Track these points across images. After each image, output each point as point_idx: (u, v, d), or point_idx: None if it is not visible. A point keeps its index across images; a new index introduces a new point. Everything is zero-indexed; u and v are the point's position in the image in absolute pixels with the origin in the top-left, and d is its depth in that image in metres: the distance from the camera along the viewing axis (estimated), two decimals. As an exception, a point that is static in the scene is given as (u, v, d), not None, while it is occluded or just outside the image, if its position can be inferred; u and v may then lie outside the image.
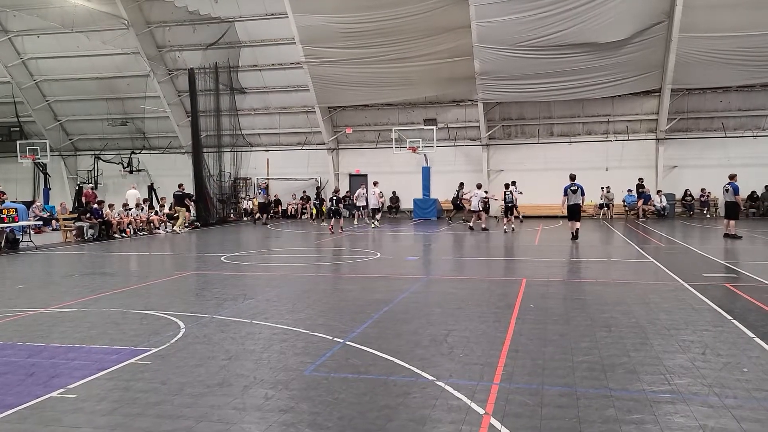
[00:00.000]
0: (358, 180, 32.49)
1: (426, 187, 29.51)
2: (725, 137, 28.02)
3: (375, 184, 27.16)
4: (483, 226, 22.55)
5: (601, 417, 4.71)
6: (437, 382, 5.54)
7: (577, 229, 18.43)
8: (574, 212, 18.46)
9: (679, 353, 6.36)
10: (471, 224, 23.14)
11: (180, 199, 24.73)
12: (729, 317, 7.90)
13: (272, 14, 27.82)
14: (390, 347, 6.70)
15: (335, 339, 7.13)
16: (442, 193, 29.73)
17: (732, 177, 18.63)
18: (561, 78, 26.98)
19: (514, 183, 24.61)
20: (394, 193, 31.70)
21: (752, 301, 8.99)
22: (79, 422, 4.79)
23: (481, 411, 4.85)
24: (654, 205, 27.96)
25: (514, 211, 22.37)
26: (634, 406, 4.91)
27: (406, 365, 6.06)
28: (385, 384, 5.56)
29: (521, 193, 25.68)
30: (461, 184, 27.43)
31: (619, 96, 28.40)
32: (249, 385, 5.58)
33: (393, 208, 31.63)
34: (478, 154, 30.48)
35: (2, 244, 17.42)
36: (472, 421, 4.67)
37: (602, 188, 28.50)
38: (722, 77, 26.39)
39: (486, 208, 23.95)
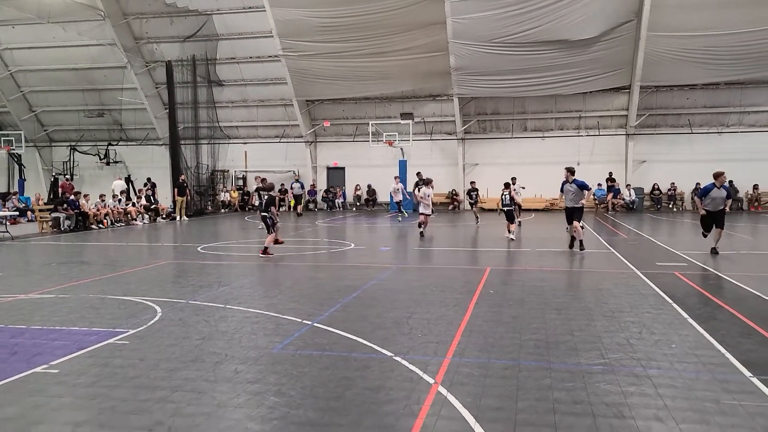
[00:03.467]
0: (336, 173, 32.91)
1: (403, 180, 29.96)
2: (692, 133, 28.94)
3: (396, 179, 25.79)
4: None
5: (537, 385, 5.26)
6: (395, 358, 6.04)
7: (575, 239, 14.30)
8: (570, 216, 14.30)
9: (618, 332, 6.94)
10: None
11: (182, 188, 25.47)
12: (670, 301, 8.53)
13: (250, 8, 28.00)
14: (354, 328, 7.19)
15: (303, 321, 7.59)
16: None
17: (717, 176, 13.51)
18: (534, 74, 27.64)
19: (514, 180, 20.24)
20: (370, 186, 32.14)
21: (694, 286, 9.65)
22: (62, 393, 5.21)
23: (431, 381, 5.36)
24: (623, 199, 28.81)
25: (515, 215, 17.63)
26: (569, 377, 5.46)
27: (368, 343, 6.55)
28: (346, 359, 6.05)
29: (524, 188, 23.06)
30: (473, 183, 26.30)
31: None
32: (221, 361, 6.03)
33: (369, 200, 32.08)
34: (453, 148, 31.05)
35: (-21, 234, 17.55)
36: (422, 389, 5.18)
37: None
38: (689, 75, 27.25)
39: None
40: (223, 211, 31.51)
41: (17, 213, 23.51)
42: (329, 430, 4.42)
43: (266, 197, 14.06)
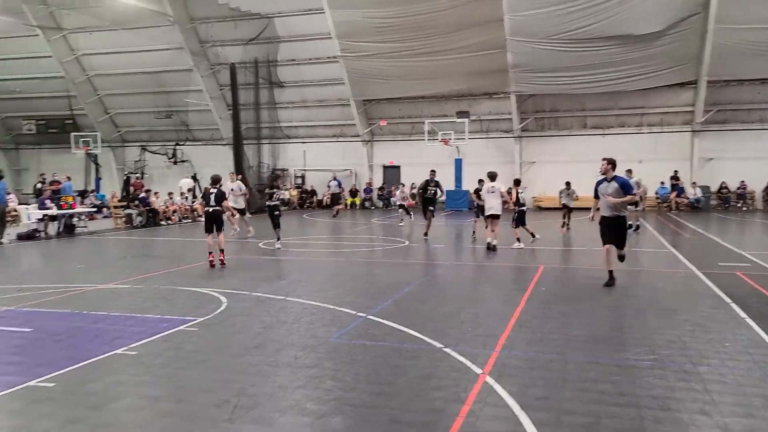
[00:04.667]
0: (391, 172, 33.28)
1: (458, 178, 30.08)
2: (763, 129, 27.72)
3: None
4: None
5: (583, 377, 5.41)
6: (444, 349, 6.30)
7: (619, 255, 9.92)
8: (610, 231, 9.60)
9: (670, 330, 6.95)
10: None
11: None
12: (728, 301, 8.41)
13: (309, 10, 28.69)
14: (406, 321, 7.47)
15: (358, 314, 7.94)
16: (474, 184, 30.19)
17: None
18: (594, 70, 27.12)
19: (518, 182, 16.67)
20: (427, 184, 32.26)
21: (757, 287, 9.44)
22: (140, 372, 5.73)
23: (479, 371, 5.59)
24: (688, 198, 27.91)
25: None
26: (616, 371, 5.57)
27: (419, 335, 6.83)
28: (398, 350, 6.35)
29: (576, 198, 19.18)
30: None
31: (654, 88, 28.33)
32: (281, 348, 6.45)
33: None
34: (510, 146, 30.85)
35: (62, 229, 18.83)
36: (470, 379, 5.41)
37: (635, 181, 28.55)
38: (759, 69, 26.14)
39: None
40: (283, 208, 32.35)
41: (95, 209, 24.97)
42: (381, 411, 4.72)
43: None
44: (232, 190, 18.44)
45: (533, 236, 15.71)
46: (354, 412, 4.71)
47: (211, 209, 12.22)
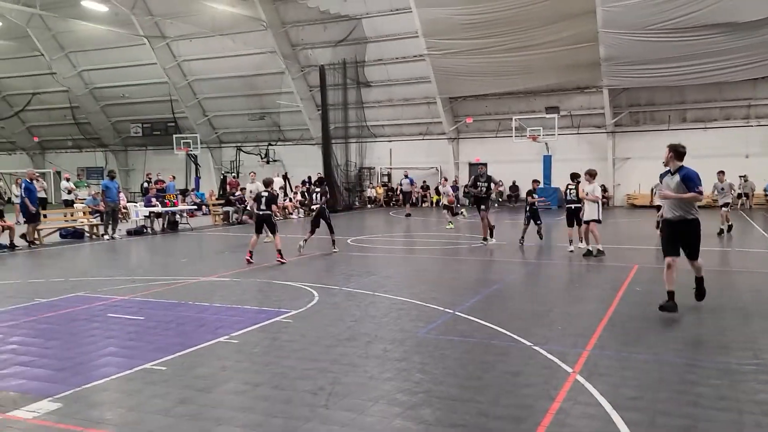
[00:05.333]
0: (477, 169, 33.00)
1: (547, 175, 29.39)
2: None
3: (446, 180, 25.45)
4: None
5: (679, 380, 5.24)
6: (533, 347, 6.28)
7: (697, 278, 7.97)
8: (673, 239, 7.65)
9: (777, 335, 6.57)
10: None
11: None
12: None
13: (397, 10, 29.00)
14: (494, 318, 7.49)
15: (446, 310, 8.04)
16: (564, 181, 29.41)
17: None
18: (695, 61, 25.68)
19: (576, 176, 13.71)
20: (514, 182, 31.85)
21: None
22: (241, 359, 6.12)
23: (569, 370, 5.54)
24: (801, 195, 25.86)
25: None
26: (716, 374, 5.36)
27: (507, 332, 6.83)
28: (486, 346, 6.39)
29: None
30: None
31: (763, 78, 26.44)
32: (371, 341, 6.66)
33: (512, 197, 31.80)
34: (602, 142, 29.81)
35: (166, 226, 20.16)
36: (560, 377, 5.38)
37: (740, 177, 26.79)
38: None
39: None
40: (369, 206, 32.98)
41: (195, 207, 26.48)
42: (469, 405, 4.81)
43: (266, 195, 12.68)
44: (251, 191, 16.90)
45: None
46: (443, 404, 4.82)
47: (261, 212, 12.53)
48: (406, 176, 30.96)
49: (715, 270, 10.87)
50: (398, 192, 32.82)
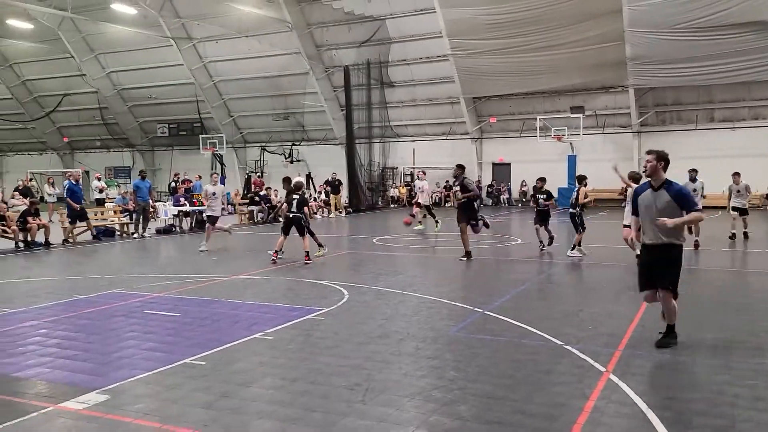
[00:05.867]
0: (501, 169, 32.97)
1: (571, 176, 29.13)
2: None
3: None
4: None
5: (715, 380, 5.25)
6: (564, 346, 6.32)
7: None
8: (650, 264, 6.34)
9: (812, 337, 6.53)
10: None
11: (335, 186, 27.33)
12: None
13: (421, 10, 29.05)
14: (524, 318, 7.54)
15: (475, 309, 8.11)
16: (589, 181, 29.20)
17: None
18: (722, 60, 25.34)
19: (582, 179, 14.17)
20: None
21: None
22: (277, 355, 6.26)
23: (602, 369, 5.58)
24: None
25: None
26: (751, 375, 5.36)
27: (537, 332, 6.88)
28: (517, 345, 6.45)
29: (703, 196, 14.38)
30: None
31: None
32: (403, 339, 6.76)
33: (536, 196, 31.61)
34: (628, 142, 29.53)
35: (193, 224, 20.49)
36: (593, 375, 5.43)
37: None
38: None
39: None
40: (392, 206, 33.08)
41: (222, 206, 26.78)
42: (504, 402, 4.88)
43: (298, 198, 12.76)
44: (213, 194, 15.28)
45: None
46: (478, 401, 4.90)
47: (291, 215, 12.71)
48: (419, 177, 30.19)
49: (739, 271, 10.78)
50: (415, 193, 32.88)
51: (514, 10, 26.37)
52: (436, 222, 19.08)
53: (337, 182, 28.27)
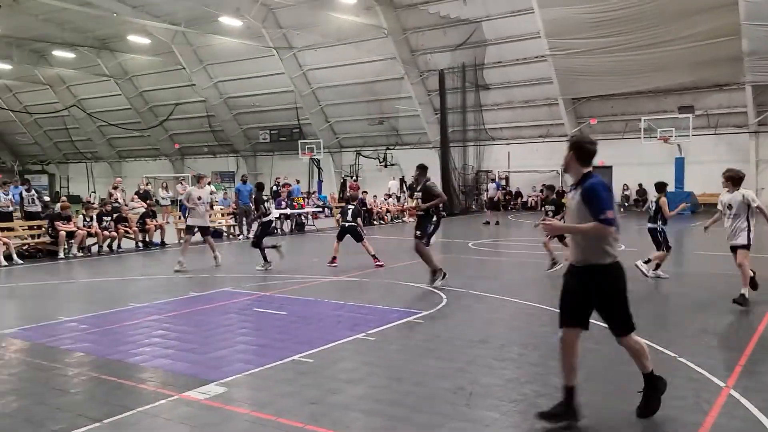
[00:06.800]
0: (601, 172, 31.69)
1: (679, 179, 27.64)
2: None
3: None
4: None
5: None
6: (679, 359, 6.04)
7: None
8: (571, 292, 4.93)
9: None
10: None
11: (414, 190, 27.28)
12: None
13: (518, 11, 28.56)
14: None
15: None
16: (699, 185, 27.56)
17: None
18: None
19: (662, 187, 11.29)
20: (640, 185, 30.30)
21: None
22: (380, 355, 6.41)
23: (721, 384, 5.29)
24: None
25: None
26: None
27: (649, 342, 6.58)
28: (626, 354, 6.18)
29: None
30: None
31: None
32: (505, 344, 6.72)
33: (639, 201, 30.22)
34: (744, 143, 27.55)
35: (294, 227, 21.29)
36: (711, 390, 5.16)
37: None
38: None
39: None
40: (486, 210, 32.67)
41: (319, 209, 27.69)
42: (616, 412, 4.76)
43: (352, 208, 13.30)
44: (199, 198, 12.90)
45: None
46: (587, 411, 4.78)
47: (347, 224, 13.20)
48: (494, 181, 29.37)
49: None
50: (513, 195, 32.44)
51: (617, 7, 25.33)
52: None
53: (415, 184, 28.09)
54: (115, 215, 16.38)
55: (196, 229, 12.97)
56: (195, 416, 4.82)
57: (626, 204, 30.68)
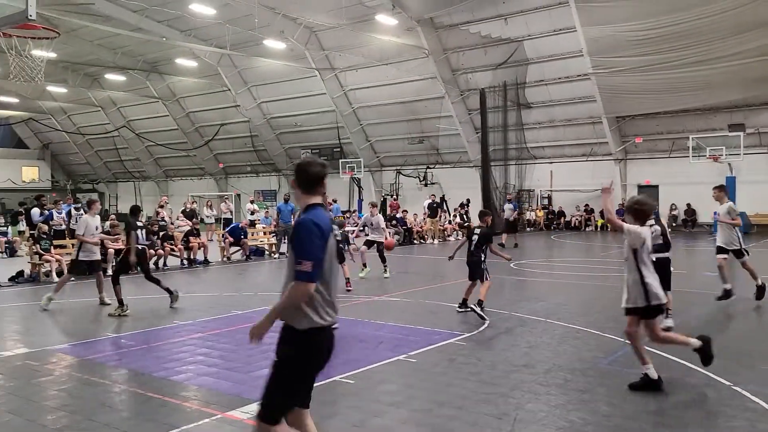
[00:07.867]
0: (648, 192, 30.96)
1: (731, 199, 26.70)
2: None
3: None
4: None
5: None
6: (734, 387, 5.79)
7: None
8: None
9: None
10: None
11: (434, 210, 26.78)
12: None
13: (560, 30, 28.36)
14: (683, 354, 6.95)
15: (626, 341, 7.63)
16: (750, 205, 26.62)
17: None
18: None
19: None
20: (689, 205, 29.44)
21: None
22: (422, 377, 6.35)
23: (780, 416, 5.04)
24: None
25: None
26: None
27: (700, 370, 6.35)
28: (680, 383, 6.01)
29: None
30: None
31: None
32: (550, 369, 6.56)
33: (688, 221, 29.36)
34: (798, 162, 26.54)
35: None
36: (769, 422, 4.92)
37: None
38: None
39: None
40: (528, 229, 32.25)
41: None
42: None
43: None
44: (97, 228, 11.22)
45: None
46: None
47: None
48: (510, 201, 27.06)
49: None
50: (555, 215, 31.94)
51: (661, 25, 24.88)
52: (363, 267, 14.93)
53: (435, 204, 27.67)
54: (161, 233, 16.78)
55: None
56: (238, 436, 4.84)
57: (674, 224, 29.83)
